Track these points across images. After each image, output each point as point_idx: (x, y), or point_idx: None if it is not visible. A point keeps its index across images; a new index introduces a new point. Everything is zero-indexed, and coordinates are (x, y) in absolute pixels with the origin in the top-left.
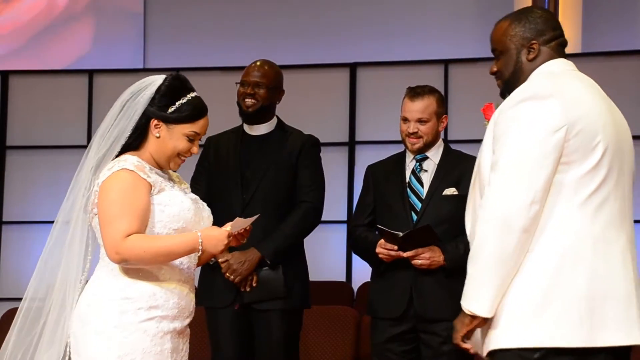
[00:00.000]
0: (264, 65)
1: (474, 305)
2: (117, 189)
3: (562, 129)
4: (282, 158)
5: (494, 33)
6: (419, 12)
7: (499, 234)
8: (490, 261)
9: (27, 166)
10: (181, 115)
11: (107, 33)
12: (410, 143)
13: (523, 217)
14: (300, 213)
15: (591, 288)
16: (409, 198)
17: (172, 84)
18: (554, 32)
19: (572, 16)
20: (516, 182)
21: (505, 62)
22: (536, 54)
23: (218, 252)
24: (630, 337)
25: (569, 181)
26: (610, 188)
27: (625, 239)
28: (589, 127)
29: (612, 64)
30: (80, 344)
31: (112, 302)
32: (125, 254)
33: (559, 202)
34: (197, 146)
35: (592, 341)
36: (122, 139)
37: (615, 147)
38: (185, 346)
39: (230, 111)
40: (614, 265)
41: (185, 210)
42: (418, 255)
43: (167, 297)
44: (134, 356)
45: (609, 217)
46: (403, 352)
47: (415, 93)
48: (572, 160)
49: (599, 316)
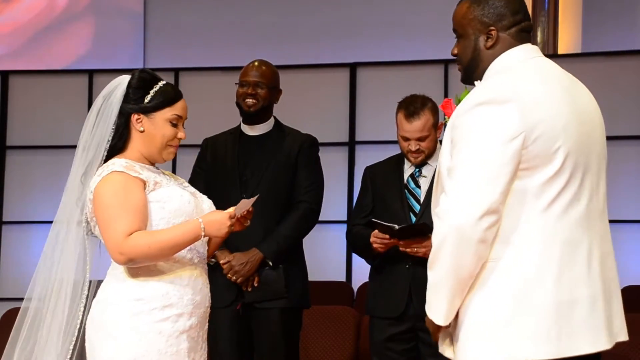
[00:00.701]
0: (262, 65)
1: (431, 313)
2: (110, 193)
3: (519, 137)
4: (280, 158)
5: (455, 13)
6: (419, 12)
7: (454, 246)
8: (445, 271)
9: (27, 166)
10: (159, 101)
11: (107, 33)
12: (413, 158)
13: (478, 228)
14: (300, 213)
15: (557, 297)
16: (407, 199)
17: (142, 77)
18: (514, 16)
19: (572, 16)
20: (471, 192)
21: (464, 46)
22: (494, 41)
23: (222, 235)
24: (596, 345)
25: (530, 187)
26: (574, 190)
27: (593, 241)
28: (548, 132)
29: (612, 64)
30: (96, 348)
31: (125, 304)
32: (130, 253)
33: (522, 210)
34: (183, 130)
35: (560, 352)
36: (104, 142)
37: (579, 147)
38: (204, 344)
39: (230, 111)
40: (579, 270)
41: (186, 203)
42: (415, 244)
43: (181, 294)
44: (149, 358)
45: (575, 220)
46: (403, 350)
47: (410, 112)
48: (532, 167)
49: (566, 325)
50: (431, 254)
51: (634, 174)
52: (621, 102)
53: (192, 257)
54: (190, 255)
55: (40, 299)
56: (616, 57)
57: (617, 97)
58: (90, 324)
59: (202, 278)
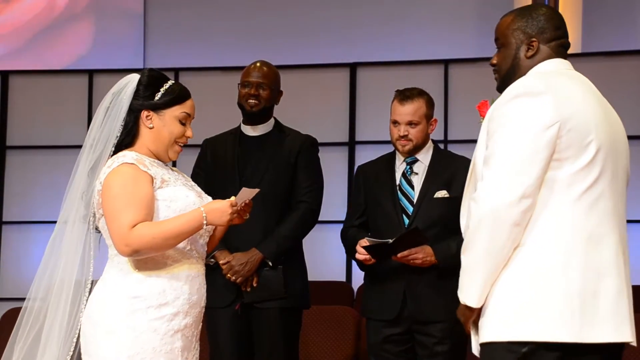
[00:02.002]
0: (264, 66)
1: (463, 296)
2: (118, 184)
3: (554, 126)
4: (280, 158)
5: (499, 25)
6: (419, 12)
7: (490, 228)
8: (480, 254)
9: (27, 166)
10: (169, 98)
11: (107, 33)
12: (400, 145)
13: (514, 211)
14: (299, 214)
15: (583, 284)
16: (399, 201)
17: (152, 75)
18: (555, 31)
19: (572, 16)
20: (508, 177)
21: (504, 55)
22: (535, 51)
23: (224, 223)
24: (618, 334)
25: (562, 177)
26: (604, 186)
27: (618, 237)
28: (581, 125)
29: (612, 64)
30: (91, 344)
31: (121, 301)
32: (135, 244)
33: (553, 197)
34: (191, 129)
35: (581, 337)
36: (113, 138)
37: (609, 147)
38: (197, 344)
39: (230, 111)
40: (607, 261)
41: (191, 204)
42: (411, 255)
43: (177, 294)
44: (144, 355)
45: (603, 214)
46: (399, 352)
47: (404, 96)
48: (564, 157)
49: (589, 313)
50: (466, 238)
51: (634, 174)
52: (621, 102)
53: (192, 254)
54: (190, 252)
55: (41, 299)
56: (616, 57)
57: (617, 97)
58: (86, 320)
59: (199, 278)
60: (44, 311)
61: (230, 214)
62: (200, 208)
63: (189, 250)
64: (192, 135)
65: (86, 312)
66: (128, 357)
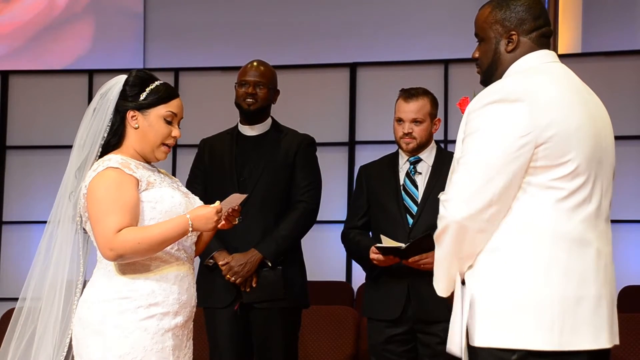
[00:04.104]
0: (261, 65)
1: (435, 285)
2: (103, 187)
3: (527, 135)
4: (278, 158)
5: (477, 18)
6: (419, 12)
7: (454, 236)
8: (445, 254)
9: (27, 166)
10: (154, 98)
11: (107, 33)
12: (404, 143)
13: (477, 220)
14: (298, 213)
15: (564, 292)
16: (404, 201)
17: (139, 75)
18: (535, 21)
19: (572, 16)
20: (475, 186)
21: (484, 50)
22: (515, 45)
23: (210, 229)
24: (597, 342)
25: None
26: (587, 190)
27: (601, 242)
28: (562, 132)
29: (612, 64)
30: (82, 345)
31: (110, 302)
32: (119, 249)
33: (535, 204)
34: (177, 129)
35: (561, 345)
36: (99, 139)
37: (592, 149)
38: (188, 343)
39: (229, 111)
40: (588, 269)
41: (177, 205)
42: (422, 260)
43: (167, 294)
44: (134, 355)
45: (586, 219)
46: (402, 352)
47: (409, 94)
48: (541, 166)
49: (570, 320)
50: (435, 235)
51: (634, 174)
52: (621, 102)
53: (180, 255)
54: (178, 253)
55: (34, 298)
56: (616, 57)
57: (617, 97)
58: (77, 322)
59: (188, 277)
60: (38, 311)
61: (216, 220)
62: (187, 215)
63: (177, 250)
64: (180, 134)
65: (76, 313)
66: (119, 357)
